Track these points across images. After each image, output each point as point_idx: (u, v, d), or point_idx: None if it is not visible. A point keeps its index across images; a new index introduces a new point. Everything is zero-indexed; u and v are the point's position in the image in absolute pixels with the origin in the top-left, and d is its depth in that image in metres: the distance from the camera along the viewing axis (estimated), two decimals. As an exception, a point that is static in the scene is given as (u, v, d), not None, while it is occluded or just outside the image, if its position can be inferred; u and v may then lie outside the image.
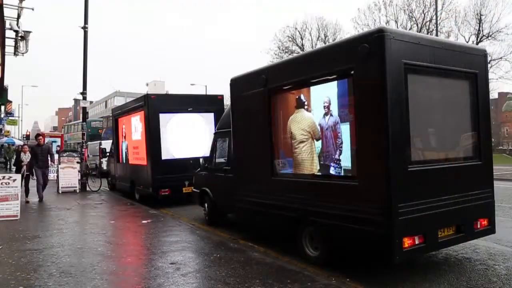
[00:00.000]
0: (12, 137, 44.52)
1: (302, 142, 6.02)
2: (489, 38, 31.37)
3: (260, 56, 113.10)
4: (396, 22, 33.79)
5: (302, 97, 6.02)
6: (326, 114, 5.61)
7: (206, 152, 9.48)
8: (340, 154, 5.39)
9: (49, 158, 12.98)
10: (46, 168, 12.82)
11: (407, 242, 4.78)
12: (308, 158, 5.93)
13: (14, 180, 9.89)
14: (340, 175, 5.41)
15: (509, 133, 79.28)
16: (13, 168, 14.01)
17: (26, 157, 12.52)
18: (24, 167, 12.44)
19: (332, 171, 5.54)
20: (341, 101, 5.39)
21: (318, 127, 5.72)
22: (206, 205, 9.31)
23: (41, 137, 13.21)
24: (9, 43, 14.99)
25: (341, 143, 5.35)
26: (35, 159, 12.44)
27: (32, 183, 12.95)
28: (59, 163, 16.28)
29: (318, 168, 5.76)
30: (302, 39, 40.01)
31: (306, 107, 5.97)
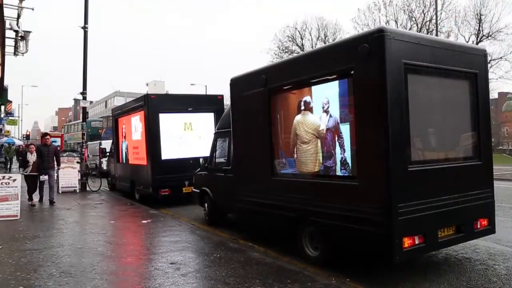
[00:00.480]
0: (12, 137, 44.53)
1: (303, 143, 6.02)
2: (489, 38, 31.38)
3: (260, 56, 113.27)
4: (396, 22, 33.78)
5: (305, 98, 6.01)
6: (325, 114, 5.60)
7: (206, 152, 9.48)
8: (340, 154, 5.38)
9: (54, 159, 12.42)
10: (51, 169, 12.27)
11: (407, 242, 4.78)
12: (309, 158, 5.93)
13: (14, 180, 9.89)
14: (340, 175, 5.41)
15: (509, 133, 79.26)
16: (21, 170, 13.40)
17: (32, 157, 12.01)
18: (30, 167, 11.93)
19: (332, 171, 5.54)
20: (341, 101, 5.39)
21: (319, 128, 5.72)
22: (206, 205, 9.31)
23: (48, 136, 12.74)
24: (9, 43, 14.99)
25: (341, 143, 5.35)
26: (41, 159, 11.92)
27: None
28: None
29: (318, 168, 5.76)
30: (302, 39, 40.03)
31: (306, 108, 5.97)
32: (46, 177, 11.93)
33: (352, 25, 56.46)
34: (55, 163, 12.46)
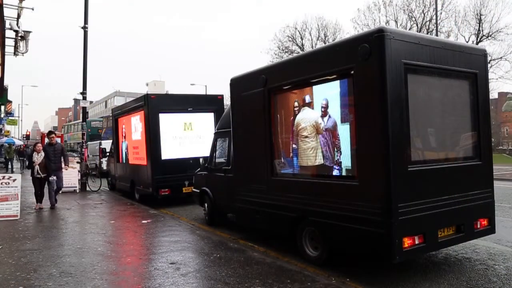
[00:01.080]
0: (12, 137, 44.51)
1: (303, 143, 6.02)
2: (489, 38, 31.44)
3: (260, 56, 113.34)
4: (396, 22, 33.82)
5: (303, 98, 6.01)
6: (325, 114, 5.60)
7: (206, 152, 9.48)
8: (340, 154, 5.38)
9: (62, 159, 11.58)
10: (59, 170, 11.46)
11: (407, 242, 4.78)
12: (309, 158, 5.93)
13: (14, 180, 9.89)
14: (340, 175, 5.41)
15: (509, 133, 79.28)
16: (24, 171, 12.80)
17: (38, 157, 11.23)
18: (37, 167, 11.13)
19: (332, 171, 5.54)
20: (341, 101, 5.39)
21: (319, 128, 5.72)
22: (206, 205, 9.31)
23: (53, 135, 11.70)
24: (9, 43, 15.01)
25: (341, 143, 5.35)
26: (47, 160, 11.21)
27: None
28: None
29: (318, 168, 5.76)
30: (302, 39, 40.07)
31: (302, 107, 5.96)
32: (55, 177, 11.20)
33: (352, 25, 56.58)
34: (63, 163, 11.69)
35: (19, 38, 15.03)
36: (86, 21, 16.14)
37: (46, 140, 12.34)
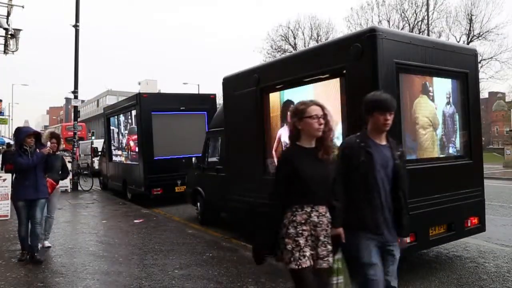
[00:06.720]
0: (2, 136, 44.02)
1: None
2: (480, 38, 31.69)
3: (253, 55, 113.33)
4: (388, 21, 33.98)
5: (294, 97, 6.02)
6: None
7: (199, 151, 9.46)
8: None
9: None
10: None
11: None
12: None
13: (4, 180, 9.79)
14: (332, 174, 5.41)
15: (499, 132, 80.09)
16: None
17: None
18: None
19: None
20: (333, 100, 5.40)
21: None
22: (198, 204, 9.29)
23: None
24: (-1, 41, 14.84)
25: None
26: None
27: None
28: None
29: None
30: (295, 38, 40.04)
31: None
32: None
33: (345, 24, 56.61)
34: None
35: (9, 36, 14.85)
36: (77, 20, 16.03)
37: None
